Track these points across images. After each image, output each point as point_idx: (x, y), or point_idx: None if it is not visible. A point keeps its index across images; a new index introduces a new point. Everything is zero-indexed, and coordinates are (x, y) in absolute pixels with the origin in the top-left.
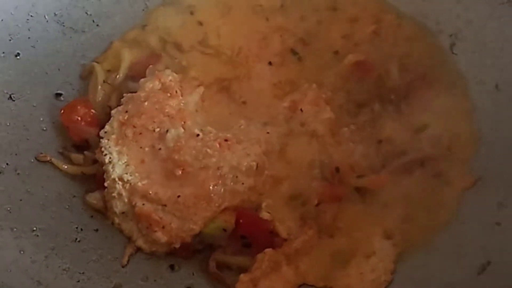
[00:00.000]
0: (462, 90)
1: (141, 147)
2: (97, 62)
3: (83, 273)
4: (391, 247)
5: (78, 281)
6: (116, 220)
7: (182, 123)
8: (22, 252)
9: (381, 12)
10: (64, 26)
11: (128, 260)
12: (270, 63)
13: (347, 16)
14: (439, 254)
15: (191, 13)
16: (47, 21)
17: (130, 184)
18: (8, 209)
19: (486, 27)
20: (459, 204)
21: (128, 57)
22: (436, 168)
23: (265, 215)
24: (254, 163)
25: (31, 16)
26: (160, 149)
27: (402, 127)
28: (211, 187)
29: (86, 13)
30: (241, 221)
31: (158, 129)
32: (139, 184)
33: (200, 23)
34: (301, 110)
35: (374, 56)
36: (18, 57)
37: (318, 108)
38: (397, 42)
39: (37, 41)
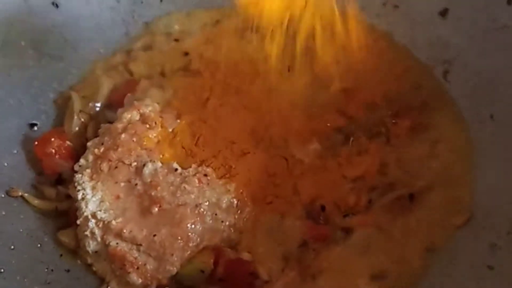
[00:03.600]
0: (456, 120)
1: (116, 182)
2: (74, 90)
3: None
4: None
5: None
6: (89, 260)
7: (161, 156)
8: None
9: (373, 40)
10: (40, 52)
11: None
12: None
13: (336, 43)
14: None
15: (176, 40)
16: (23, 47)
17: (104, 222)
18: None
19: (480, 54)
20: (451, 244)
21: (106, 84)
22: (425, 204)
23: (245, 255)
24: (235, 200)
25: (6, 42)
26: (136, 184)
27: (390, 160)
28: (189, 226)
29: (64, 38)
30: (219, 261)
31: (135, 163)
32: (113, 222)
33: (186, 53)
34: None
35: (363, 84)
36: None
37: (304, 138)
38: (388, 70)
39: (12, 68)
